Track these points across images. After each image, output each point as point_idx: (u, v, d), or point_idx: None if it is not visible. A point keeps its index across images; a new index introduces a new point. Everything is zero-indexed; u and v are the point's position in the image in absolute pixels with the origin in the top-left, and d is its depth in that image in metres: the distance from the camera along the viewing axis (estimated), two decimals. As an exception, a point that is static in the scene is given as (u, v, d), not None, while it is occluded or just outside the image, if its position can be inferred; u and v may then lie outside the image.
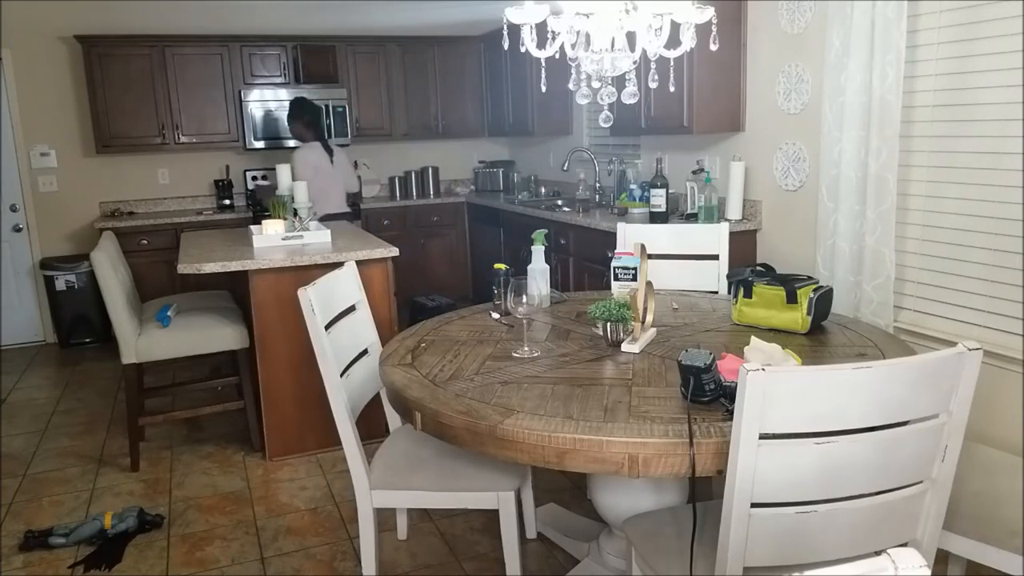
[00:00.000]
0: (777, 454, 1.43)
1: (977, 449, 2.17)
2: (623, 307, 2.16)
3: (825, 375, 1.41)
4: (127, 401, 3.49)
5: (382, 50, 6.16)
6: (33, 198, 5.66)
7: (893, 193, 2.84)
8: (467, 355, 2.16)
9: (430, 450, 2.29)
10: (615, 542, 2.40)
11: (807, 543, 1.51)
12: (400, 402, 1.93)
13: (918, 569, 0.80)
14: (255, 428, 3.61)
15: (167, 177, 6.02)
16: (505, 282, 2.27)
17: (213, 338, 3.53)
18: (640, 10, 1.99)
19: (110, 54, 5.45)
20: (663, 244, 3.07)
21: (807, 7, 3.34)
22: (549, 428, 1.63)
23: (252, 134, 5.77)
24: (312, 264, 3.38)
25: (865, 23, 2.84)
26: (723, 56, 3.69)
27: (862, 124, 2.92)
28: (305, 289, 2.15)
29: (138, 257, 5.30)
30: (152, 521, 2.93)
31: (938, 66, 2.77)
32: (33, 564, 2.73)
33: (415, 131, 6.37)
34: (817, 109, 3.25)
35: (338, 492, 3.20)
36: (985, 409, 2.54)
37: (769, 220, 3.70)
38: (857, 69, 2.89)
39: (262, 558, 2.73)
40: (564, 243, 4.52)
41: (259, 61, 5.83)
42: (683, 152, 4.32)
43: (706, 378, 1.67)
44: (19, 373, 5.08)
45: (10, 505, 3.19)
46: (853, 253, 3.03)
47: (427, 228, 6.25)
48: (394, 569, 2.63)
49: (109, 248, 3.52)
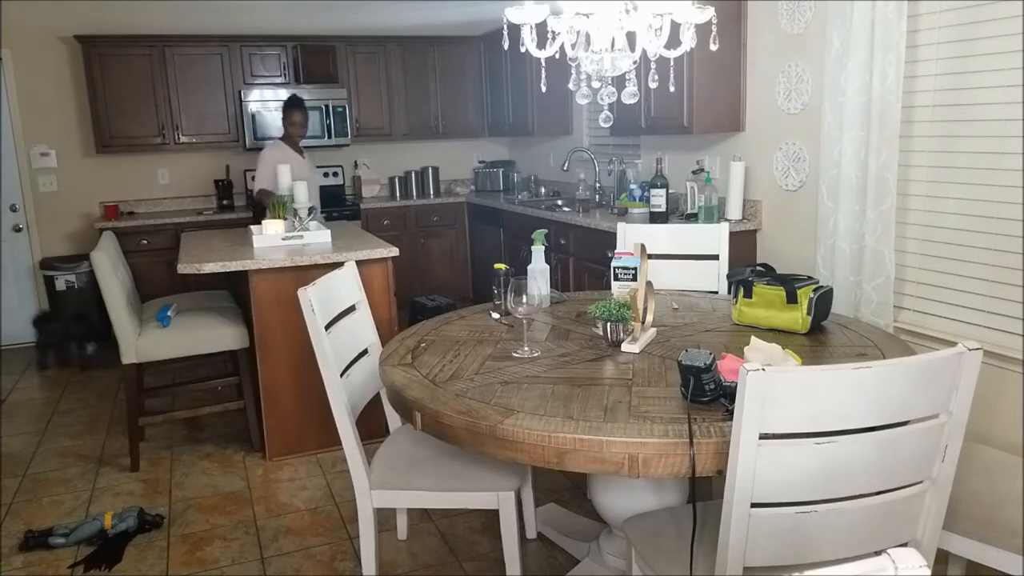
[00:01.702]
0: (777, 454, 1.43)
1: (977, 449, 2.17)
2: (623, 307, 2.16)
3: (825, 375, 1.41)
4: (127, 401, 3.49)
5: (382, 50, 6.16)
6: (33, 198, 5.66)
7: (893, 193, 2.84)
8: (467, 355, 2.16)
9: (430, 450, 2.29)
10: (615, 542, 2.40)
11: (807, 543, 1.51)
12: (400, 402, 1.93)
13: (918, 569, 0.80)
14: (255, 428, 3.61)
15: (167, 177, 6.02)
16: (505, 282, 2.27)
17: (213, 338, 3.53)
18: (640, 10, 1.99)
19: (110, 54, 5.45)
20: (663, 244, 3.07)
21: (807, 7, 3.34)
22: (549, 428, 1.63)
23: (252, 134, 5.76)
24: (312, 264, 3.38)
25: (865, 23, 2.84)
26: (723, 56, 3.69)
27: (862, 124, 2.92)
28: (305, 289, 2.15)
29: (138, 257, 5.30)
30: (152, 521, 2.93)
31: (938, 66, 2.77)
32: (33, 564, 2.73)
33: (415, 131, 6.37)
34: (817, 109, 3.25)
35: (338, 492, 3.20)
36: (985, 409, 2.54)
37: (769, 220, 3.70)
38: (857, 69, 2.89)
39: (262, 558, 2.73)
40: (564, 243, 4.52)
41: (259, 61, 5.83)
42: (683, 152, 4.32)
43: (706, 378, 1.67)
44: (19, 373, 5.08)
45: (10, 505, 3.19)
46: (853, 253, 3.03)
47: (427, 228, 6.24)
48: (394, 569, 2.63)
49: (109, 248, 3.52)
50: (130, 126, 5.56)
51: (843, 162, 3.00)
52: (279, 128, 5.95)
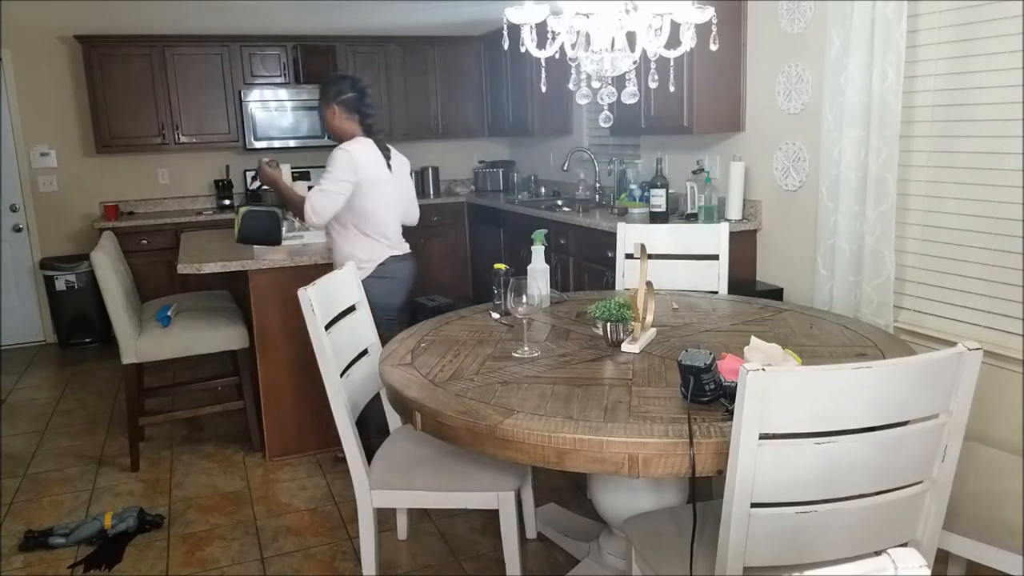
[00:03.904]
0: (777, 454, 1.43)
1: (977, 449, 2.17)
2: (623, 307, 2.16)
3: (825, 375, 1.41)
4: (127, 401, 3.49)
5: (382, 50, 6.16)
6: (33, 198, 5.66)
7: (893, 193, 2.84)
8: (467, 355, 2.16)
9: (430, 450, 2.29)
10: (615, 542, 2.40)
11: (807, 543, 1.51)
12: (400, 402, 1.93)
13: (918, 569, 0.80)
14: (255, 428, 3.61)
15: (167, 177, 6.02)
16: (505, 282, 2.26)
17: (213, 338, 3.53)
18: (640, 10, 1.99)
19: (110, 54, 5.45)
20: (663, 244, 3.06)
21: (807, 7, 3.34)
22: (549, 428, 1.63)
23: (252, 134, 5.77)
24: (312, 264, 3.37)
25: (865, 23, 2.84)
26: (723, 56, 3.69)
27: (862, 124, 2.92)
28: (305, 289, 2.15)
29: (138, 257, 5.30)
30: (152, 521, 2.93)
31: (938, 66, 2.77)
32: (33, 564, 2.73)
33: (415, 131, 6.37)
34: (817, 109, 3.25)
35: (338, 492, 3.20)
36: (985, 409, 2.54)
37: (769, 220, 3.70)
38: (857, 69, 2.89)
39: (262, 558, 2.73)
40: (564, 243, 4.52)
41: (259, 61, 5.83)
42: (683, 152, 4.32)
43: (706, 378, 1.67)
44: (19, 373, 5.08)
45: (10, 505, 3.19)
46: (853, 253, 3.03)
47: (427, 228, 6.22)
48: (394, 569, 2.63)
49: (109, 248, 3.52)
50: (130, 126, 5.56)
51: (843, 162, 3.00)
52: (280, 128, 5.92)
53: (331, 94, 3.14)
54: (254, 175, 3.32)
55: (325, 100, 3.16)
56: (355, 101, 3.13)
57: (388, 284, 3.22)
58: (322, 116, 3.21)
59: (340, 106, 3.13)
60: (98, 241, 3.59)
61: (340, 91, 3.13)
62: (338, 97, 3.12)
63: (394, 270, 3.24)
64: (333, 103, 3.13)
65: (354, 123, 3.15)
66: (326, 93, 3.16)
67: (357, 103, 3.14)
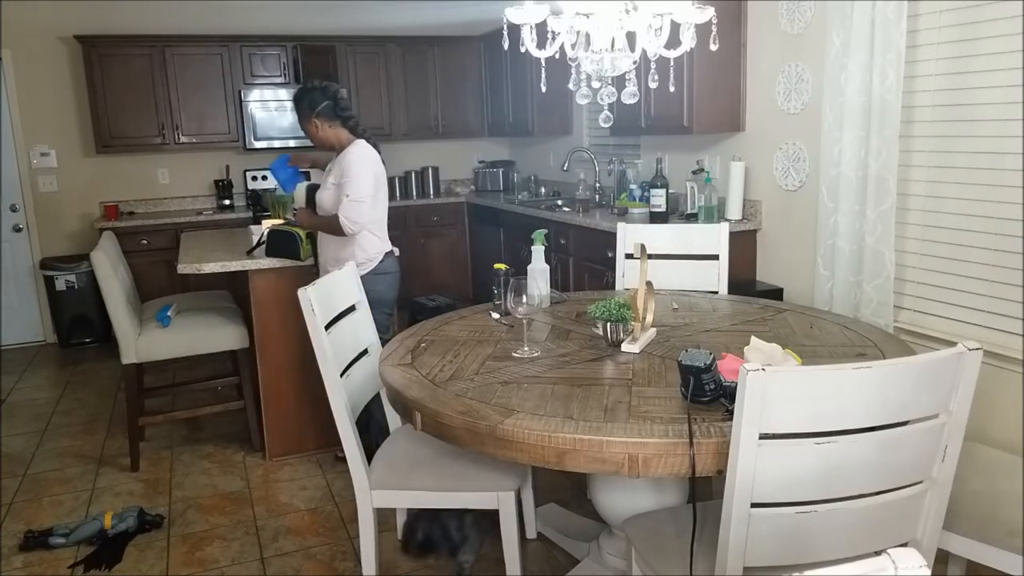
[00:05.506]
0: (777, 454, 1.43)
1: (977, 449, 2.17)
2: (623, 307, 2.16)
3: (825, 375, 1.41)
4: (127, 401, 3.49)
5: (382, 50, 6.16)
6: (33, 198, 5.66)
7: (893, 193, 2.84)
8: (467, 355, 2.16)
9: (430, 450, 2.29)
10: (615, 542, 2.40)
11: (807, 543, 1.51)
12: (400, 402, 1.93)
13: (918, 569, 0.80)
14: (255, 428, 3.61)
15: (167, 177, 6.02)
16: (505, 282, 2.26)
17: (213, 338, 3.53)
18: (640, 10, 1.99)
19: (110, 54, 5.45)
20: (663, 244, 3.06)
21: (807, 7, 3.34)
22: (549, 428, 1.63)
23: (252, 134, 5.77)
24: (312, 264, 3.37)
25: (865, 23, 2.84)
26: (723, 56, 3.69)
27: (862, 124, 2.92)
28: (305, 289, 2.15)
29: (138, 257, 5.30)
30: (152, 521, 2.93)
31: (938, 66, 2.77)
32: (33, 564, 2.73)
33: (415, 131, 6.37)
34: (817, 109, 3.25)
35: (338, 492, 3.20)
36: (985, 409, 2.54)
37: (769, 220, 3.70)
38: (857, 69, 2.89)
39: (262, 558, 2.73)
40: (564, 243, 4.52)
41: (259, 61, 5.83)
42: (683, 152, 4.32)
43: (706, 378, 1.67)
44: (19, 373, 5.08)
45: (10, 505, 3.19)
46: (853, 253, 3.03)
47: (427, 228, 6.24)
48: (394, 569, 2.62)
49: (109, 248, 3.52)
50: (130, 126, 5.55)
51: (843, 162, 3.00)
52: (280, 128, 5.92)
53: (306, 109, 3.13)
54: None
55: (303, 117, 3.15)
56: (331, 108, 3.12)
57: (390, 279, 3.29)
58: (307, 132, 3.20)
59: (319, 118, 3.12)
60: (98, 241, 3.59)
61: (313, 103, 3.11)
62: (314, 110, 3.11)
63: (392, 265, 3.30)
64: (312, 118, 3.12)
65: (338, 128, 3.15)
66: (301, 110, 3.15)
67: (334, 109, 3.13)
